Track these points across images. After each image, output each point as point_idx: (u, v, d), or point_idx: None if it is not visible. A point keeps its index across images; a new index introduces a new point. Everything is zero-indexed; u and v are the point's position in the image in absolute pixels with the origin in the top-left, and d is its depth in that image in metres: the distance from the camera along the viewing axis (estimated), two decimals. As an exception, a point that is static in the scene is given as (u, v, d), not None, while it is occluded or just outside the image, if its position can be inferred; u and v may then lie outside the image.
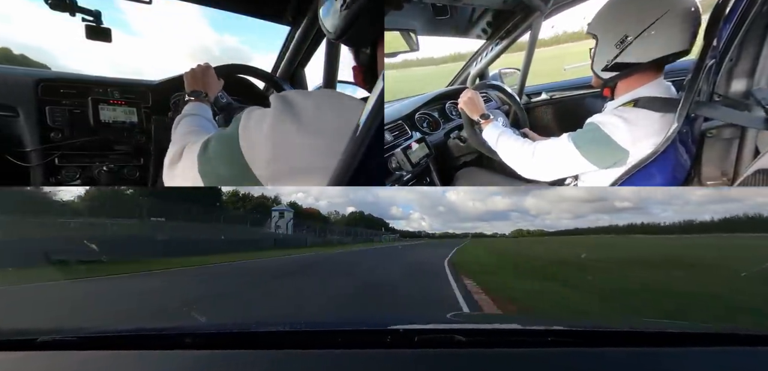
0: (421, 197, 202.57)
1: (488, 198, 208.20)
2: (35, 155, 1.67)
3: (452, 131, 2.38)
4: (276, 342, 0.74)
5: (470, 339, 0.69)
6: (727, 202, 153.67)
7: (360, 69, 0.92)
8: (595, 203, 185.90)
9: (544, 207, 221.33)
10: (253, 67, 1.99)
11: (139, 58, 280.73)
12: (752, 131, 1.47)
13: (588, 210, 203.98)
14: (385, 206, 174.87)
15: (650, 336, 0.75)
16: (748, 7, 1.30)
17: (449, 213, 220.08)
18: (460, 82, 3.05)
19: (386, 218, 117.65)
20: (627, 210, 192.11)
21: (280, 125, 0.77)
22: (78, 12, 1.62)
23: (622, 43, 1.43)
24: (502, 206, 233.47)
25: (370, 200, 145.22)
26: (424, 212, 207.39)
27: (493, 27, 2.72)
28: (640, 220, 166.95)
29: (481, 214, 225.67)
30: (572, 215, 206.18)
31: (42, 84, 1.70)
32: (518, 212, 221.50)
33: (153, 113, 1.88)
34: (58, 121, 1.71)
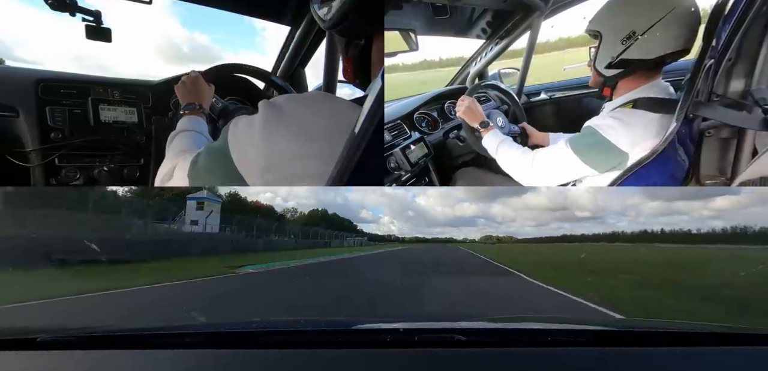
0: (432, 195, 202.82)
1: (487, 198, 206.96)
2: (35, 155, 1.67)
3: (451, 131, 2.38)
4: (276, 342, 0.74)
5: (470, 339, 0.69)
6: (727, 202, 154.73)
7: (351, 63, 0.92)
8: (597, 204, 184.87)
9: (545, 207, 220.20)
10: (241, 65, 1.94)
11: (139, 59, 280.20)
12: (751, 130, 1.47)
13: (589, 211, 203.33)
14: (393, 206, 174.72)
15: (650, 336, 0.76)
16: (747, 8, 1.30)
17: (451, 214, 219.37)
18: (459, 81, 3.05)
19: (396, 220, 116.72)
20: (626, 211, 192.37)
21: (271, 133, 0.76)
22: (78, 12, 1.62)
23: (628, 39, 1.43)
24: (501, 207, 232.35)
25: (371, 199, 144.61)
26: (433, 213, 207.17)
27: (492, 27, 2.72)
28: (638, 221, 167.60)
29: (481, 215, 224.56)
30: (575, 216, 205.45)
31: (42, 84, 1.70)
32: (517, 213, 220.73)
33: (153, 113, 1.88)
34: (58, 121, 1.70)
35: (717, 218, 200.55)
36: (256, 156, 0.77)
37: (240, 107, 1.89)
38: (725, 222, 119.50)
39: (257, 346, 0.72)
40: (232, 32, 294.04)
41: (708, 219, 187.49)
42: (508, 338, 0.75)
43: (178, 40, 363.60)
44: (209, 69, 1.66)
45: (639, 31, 1.41)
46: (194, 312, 3.63)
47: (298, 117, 0.78)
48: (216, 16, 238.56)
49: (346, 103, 0.84)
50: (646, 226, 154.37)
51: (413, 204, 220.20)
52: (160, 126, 1.83)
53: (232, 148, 0.81)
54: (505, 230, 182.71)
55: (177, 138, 1.22)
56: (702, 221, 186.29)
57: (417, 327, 0.78)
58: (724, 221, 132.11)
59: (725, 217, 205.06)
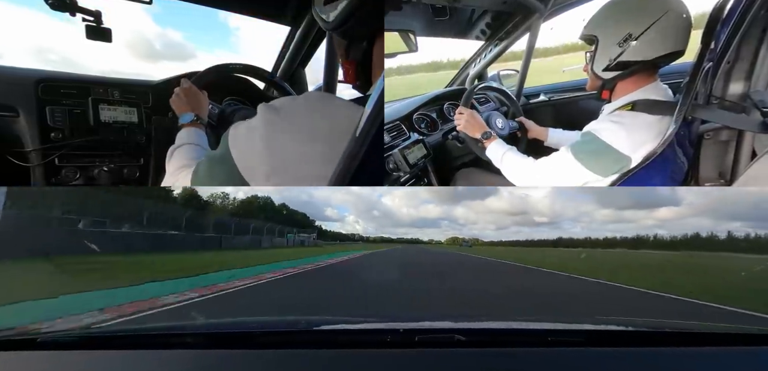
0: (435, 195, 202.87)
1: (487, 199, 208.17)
2: (35, 155, 1.67)
3: (450, 132, 2.38)
4: (276, 342, 0.74)
5: (470, 339, 0.69)
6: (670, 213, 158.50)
7: (352, 65, 0.92)
8: (553, 210, 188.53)
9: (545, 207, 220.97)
10: (241, 65, 1.91)
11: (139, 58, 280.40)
12: (749, 132, 1.48)
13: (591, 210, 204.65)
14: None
15: (650, 336, 0.76)
16: (745, 11, 1.31)
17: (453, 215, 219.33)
18: (458, 83, 3.05)
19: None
20: (580, 217, 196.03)
21: (273, 137, 0.77)
22: (78, 12, 1.62)
23: (625, 41, 1.45)
24: (464, 210, 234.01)
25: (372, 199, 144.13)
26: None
27: (491, 28, 2.73)
28: (590, 227, 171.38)
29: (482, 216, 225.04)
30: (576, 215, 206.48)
31: (42, 84, 1.70)
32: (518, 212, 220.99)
33: (153, 113, 1.88)
34: (58, 121, 1.70)
35: (660, 227, 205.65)
36: (260, 161, 0.77)
37: (239, 108, 1.89)
38: (667, 231, 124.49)
39: (257, 346, 0.72)
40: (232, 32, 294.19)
41: (653, 227, 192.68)
42: (508, 338, 0.75)
43: (178, 40, 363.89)
44: (208, 68, 1.66)
45: (635, 33, 1.43)
46: (194, 312, 3.63)
47: (299, 119, 0.79)
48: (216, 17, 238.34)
49: (345, 103, 0.85)
50: (599, 232, 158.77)
51: (379, 204, 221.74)
52: (160, 126, 1.83)
53: (235, 154, 0.81)
54: (468, 232, 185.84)
55: (177, 152, 1.23)
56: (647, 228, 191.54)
57: (417, 327, 0.78)
58: (667, 230, 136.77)
59: (667, 226, 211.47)
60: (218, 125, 1.72)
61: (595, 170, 1.48)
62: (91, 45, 1.64)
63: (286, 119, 0.79)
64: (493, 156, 1.82)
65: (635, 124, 1.44)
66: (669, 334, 0.78)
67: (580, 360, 0.65)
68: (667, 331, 0.79)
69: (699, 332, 0.78)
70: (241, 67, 1.87)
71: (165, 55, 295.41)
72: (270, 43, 2.58)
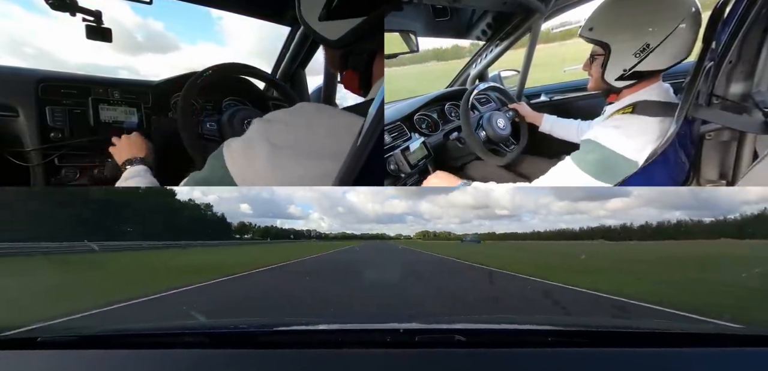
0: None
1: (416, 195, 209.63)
2: (35, 155, 1.67)
3: (451, 133, 2.38)
4: (276, 342, 0.74)
5: (470, 339, 0.69)
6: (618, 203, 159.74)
7: (351, 74, 0.92)
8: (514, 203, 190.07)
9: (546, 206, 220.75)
10: (241, 65, 1.87)
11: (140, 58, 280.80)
12: (751, 133, 1.47)
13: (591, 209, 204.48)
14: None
15: (650, 336, 0.76)
16: (747, 10, 1.30)
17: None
18: (459, 83, 3.05)
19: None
20: (538, 210, 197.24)
21: (270, 153, 0.77)
22: (78, 12, 1.63)
23: (642, 52, 1.42)
24: (429, 204, 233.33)
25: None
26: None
27: (492, 29, 2.73)
28: (547, 219, 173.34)
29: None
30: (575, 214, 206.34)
31: (42, 84, 1.70)
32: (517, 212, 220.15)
33: (153, 113, 1.88)
34: (58, 121, 1.70)
35: (610, 217, 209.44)
36: (258, 178, 0.78)
37: (239, 108, 1.89)
38: (616, 220, 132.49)
39: (257, 346, 0.73)
40: (231, 32, 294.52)
41: (603, 218, 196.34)
42: (508, 338, 0.75)
43: (178, 40, 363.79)
44: (208, 68, 1.66)
45: (653, 44, 1.40)
46: (194, 312, 3.63)
47: (296, 133, 0.79)
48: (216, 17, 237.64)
49: (339, 111, 0.86)
50: (555, 224, 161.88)
51: (343, 201, 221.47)
52: (160, 126, 1.83)
53: (234, 171, 0.81)
54: (433, 227, 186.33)
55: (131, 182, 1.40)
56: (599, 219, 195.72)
57: (417, 327, 0.78)
58: (615, 220, 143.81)
59: (616, 216, 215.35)
60: (220, 137, 1.72)
61: (600, 177, 1.45)
62: (90, 45, 1.65)
63: (285, 131, 0.79)
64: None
65: (635, 126, 1.43)
66: (669, 334, 0.78)
67: (580, 360, 0.65)
68: (667, 331, 0.79)
69: (699, 332, 0.77)
70: (240, 68, 1.87)
71: (165, 56, 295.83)
72: (270, 43, 2.59)
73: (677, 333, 0.79)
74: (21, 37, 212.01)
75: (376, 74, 0.89)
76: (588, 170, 1.46)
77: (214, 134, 1.72)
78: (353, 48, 0.87)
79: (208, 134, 1.72)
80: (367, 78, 0.91)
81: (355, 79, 0.93)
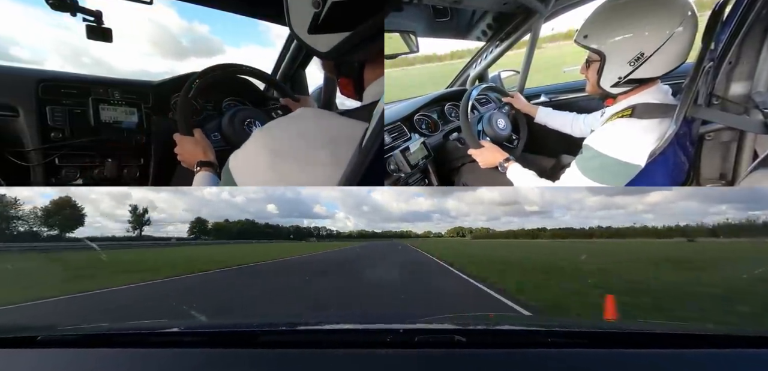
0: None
1: (440, 193, 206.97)
2: (35, 155, 1.67)
3: (451, 133, 2.38)
4: (276, 342, 0.74)
5: (470, 339, 0.69)
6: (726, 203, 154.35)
7: (349, 82, 0.93)
8: (544, 199, 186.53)
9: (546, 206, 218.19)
10: (241, 66, 1.84)
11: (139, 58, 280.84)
12: (750, 133, 1.47)
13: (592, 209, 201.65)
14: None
15: (650, 337, 0.76)
16: (746, 12, 1.30)
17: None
18: (459, 83, 3.05)
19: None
20: (570, 206, 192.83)
21: (272, 164, 0.78)
22: (78, 12, 1.63)
23: (637, 60, 1.41)
24: (455, 202, 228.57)
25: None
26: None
27: (493, 29, 2.73)
28: (580, 215, 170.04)
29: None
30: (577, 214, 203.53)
31: (42, 84, 1.70)
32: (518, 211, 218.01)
33: (153, 113, 1.88)
34: (58, 121, 1.70)
35: (649, 211, 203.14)
36: (263, 183, 0.80)
37: (240, 109, 1.89)
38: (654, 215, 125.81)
39: (257, 346, 0.72)
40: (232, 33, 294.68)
41: (641, 213, 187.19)
42: (507, 339, 0.75)
43: (177, 40, 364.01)
44: (208, 69, 1.66)
45: (648, 52, 1.38)
46: (194, 312, 3.63)
47: (296, 140, 0.80)
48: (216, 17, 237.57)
49: (336, 116, 0.86)
50: (585, 222, 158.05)
51: (368, 199, 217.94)
52: (160, 126, 1.83)
53: (240, 183, 0.84)
54: (460, 224, 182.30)
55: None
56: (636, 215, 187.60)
57: (417, 327, 0.77)
58: (654, 214, 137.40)
59: (656, 210, 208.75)
60: (222, 138, 1.71)
61: (603, 180, 1.46)
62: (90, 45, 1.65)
63: (282, 139, 0.80)
64: (514, 178, 1.83)
65: (633, 128, 1.42)
66: (669, 335, 0.78)
67: (580, 361, 0.65)
68: (668, 332, 0.79)
69: (699, 333, 0.77)
70: (240, 68, 1.87)
71: (165, 56, 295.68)
72: (270, 43, 2.58)
73: (678, 334, 0.79)
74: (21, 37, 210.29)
75: (370, 80, 0.89)
76: (592, 176, 1.47)
77: (214, 135, 1.72)
78: (346, 58, 0.87)
79: (208, 134, 1.72)
80: (361, 85, 0.91)
81: (350, 86, 0.93)
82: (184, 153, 1.44)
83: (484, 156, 1.96)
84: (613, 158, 1.42)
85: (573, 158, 1.57)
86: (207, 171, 1.37)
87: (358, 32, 0.79)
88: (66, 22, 17.91)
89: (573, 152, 1.65)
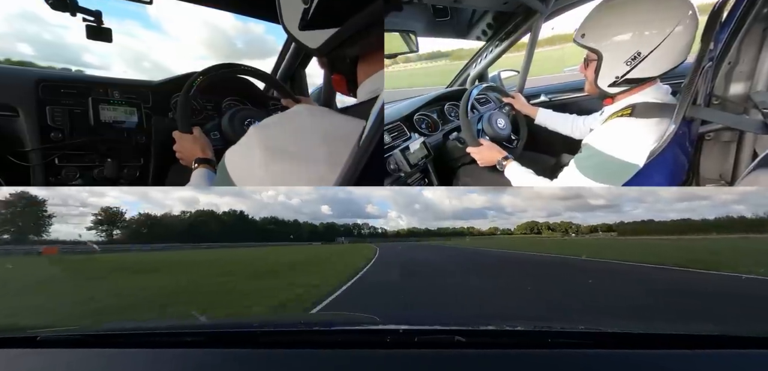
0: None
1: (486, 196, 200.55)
2: (35, 155, 1.67)
3: (451, 133, 2.38)
4: (276, 342, 0.74)
5: (470, 339, 0.69)
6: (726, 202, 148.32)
7: (342, 78, 0.93)
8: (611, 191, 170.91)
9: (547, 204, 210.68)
10: (241, 66, 1.84)
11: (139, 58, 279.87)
12: (750, 133, 1.48)
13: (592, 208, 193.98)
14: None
15: (650, 338, 0.75)
16: (746, 11, 1.30)
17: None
18: (459, 83, 3.05)
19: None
20: (643, 198, 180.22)
21: (269, 160, 0.78)
22: (78, 12, 1.63)
23: (633, 60, 1.41)
24: (511, 197, 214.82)
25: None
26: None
27: (493, 29, 2.73)
28: (655, 207, 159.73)
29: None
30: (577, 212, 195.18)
31: (42, 84, 1.70)
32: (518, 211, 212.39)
33: (153, 113, 1.88)
34: (58, 121, 1.70)
35: (740, 202, 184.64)
36: (260, 179, 0.80)
37: (239, 109, 1.89)
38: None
39: (257, 346, 0.72)
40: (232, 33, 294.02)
41: (730, 204, 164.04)
42: (507, 339, 0.75)
43: (177, 41, 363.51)
44: (208, 69, 1.66)
45: (645, 52, 1.38)
46: (194, 312, 3.63)
47: (290, 137, 0.80)
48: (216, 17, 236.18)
49: (334, 114, 0.86)
50: (662, 215, 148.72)
51: (420, 198, 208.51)
52: (160, 126, 1.83)
53: (235, 179, 0.83)
54: (516, 221, 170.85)
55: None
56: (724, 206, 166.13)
57: (417, 327, 0.78)
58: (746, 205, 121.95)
59: (748, 201, 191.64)
60: (220, 137, 1.71)
61: (602, 179, 1.46)
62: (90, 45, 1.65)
63: (276, 136, 0.80)
64: (511, 176, 1.83)
65: (632, 128, 1.42)
66: (669, 336, 0.78)
67: (580, 361, 0.65)
68: (667, 333, 0.79)
69: (700, 335, 0.77)
70: (240, 68, 1.87)
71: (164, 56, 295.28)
72: (270, 43, 2.59)
73: (677, 335, 0.79)
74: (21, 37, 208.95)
75: (365, 76, 0.89)
76: (589, 175, 1.47)
77: (214, 134, 1.72)
78: (338, 53, 0.87)
79: (208, 134, 1.72)
80: (355, 81, 0.91)
81: (343, 83, 0.93)
82: (183, 150, 1.45)
83: (482, 154, 1.97)
84: (612, 157, 1.42)
85: (573, 157, 1.57)
86: (204, 168, 1.37)
87: (348, 27, 0.79)
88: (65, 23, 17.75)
89: (573, 151, 1.64)
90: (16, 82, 1.69)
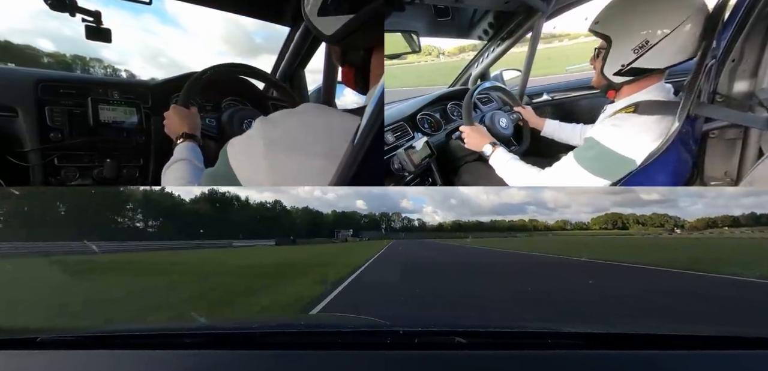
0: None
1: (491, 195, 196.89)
2: (35, 155, 1.67)
3: (454, 132, 2.37)
4: (276, 342, 0.74)
5: (470, 340, 0.68)
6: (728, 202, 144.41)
7: (351, 71, 0.93)
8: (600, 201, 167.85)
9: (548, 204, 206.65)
10: (241, 65, 1.81)
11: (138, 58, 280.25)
12: (755, 131, 1.46)
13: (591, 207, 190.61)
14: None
15: (650, 339, 0.75)
16: (751, 8, 1.29)
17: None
18: (461, 82, 3.05)
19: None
20: (634, 208, 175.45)
21: (273, 153, 0.79)
22: (78, 12, 1.62)
23: (641, 48, 1.41)
24: (551, 191, 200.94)
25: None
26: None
27: (494, 28, 2.72)
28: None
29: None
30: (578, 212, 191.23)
31: (42, 84, 1.70)
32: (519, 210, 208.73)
33: (153, 113, 1.87)
34: (58, 121, 1.70)
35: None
36: (262, 178, 0.80)
37: (239, 109, 1.88)
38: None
39: (257, 346, 0.72)
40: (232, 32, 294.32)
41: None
42: (507, 340, 0.75)
43: (177, 40, 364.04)
44: (207, 69, 1.66)
45: (653, 41, 1.39)
46: (194, 312, 3.63)
47: (293, 131, 0.81)
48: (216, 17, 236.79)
49: (339, 111, 0.88)
50: (730, 209, 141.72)
51: (455, 193, 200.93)
52: (160, 126, 1.83)
53: (236, 168, 0.84)
54: (559, 216, 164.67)
55: (174, 168, 1.26)
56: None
57: (417, 329, 0.77)
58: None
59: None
60: (219, 135, 1.71)
61: (600, 174, 1.46)
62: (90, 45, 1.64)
63: (283, 130, 0.81)
64: (496, 165, 1.82)
65: (637, 126, 1.42)
66: (669, 337, 0.77)
67: (579, 362, 0.64)
68: (668, 334, 0.78)
69: (700, 335, 0.77)
70: (240, 68, 1.87)
71: (164, 56, 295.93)
72: (270, 43, 2.58)
73: (677, 335, 0.79)
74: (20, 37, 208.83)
75: (374, 71, 0.89)
76: (587, 167, 1.47)
77: (213, 134, 1.71)
78: (350, 43, 0.88)
79: (208, 134, 1.72)
80: (364, 75, 0.92)
81: (351, 76, 0.93)
82: (172, 123, 1.41)
83: (471, 136, 1.96)
84: (610, 150, 1.42)
85: (571, 151, 1.56)
86: (189, 142, 1.35)
87: (363, 15, 0.79)
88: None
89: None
90: (16, 82, 1.69)
